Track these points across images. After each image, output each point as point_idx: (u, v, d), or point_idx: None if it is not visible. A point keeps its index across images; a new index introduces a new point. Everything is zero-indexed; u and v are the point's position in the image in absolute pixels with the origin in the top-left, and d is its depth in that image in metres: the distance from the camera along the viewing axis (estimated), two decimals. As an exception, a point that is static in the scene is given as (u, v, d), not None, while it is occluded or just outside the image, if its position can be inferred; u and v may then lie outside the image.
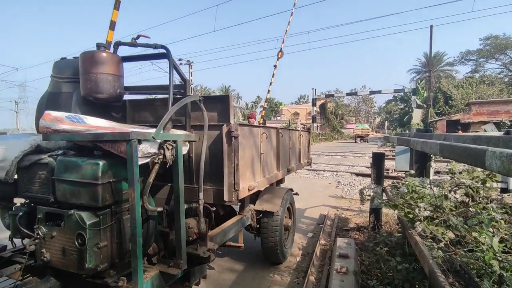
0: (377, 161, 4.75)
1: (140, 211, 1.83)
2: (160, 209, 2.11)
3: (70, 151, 2.29)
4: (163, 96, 2.93)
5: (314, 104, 40.50)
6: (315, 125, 40.27)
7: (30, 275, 2.31)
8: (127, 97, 2.92)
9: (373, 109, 75.74)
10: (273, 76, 15.39)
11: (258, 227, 3.59)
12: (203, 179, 2.39)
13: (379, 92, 36.78)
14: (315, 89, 39.63)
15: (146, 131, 2.10)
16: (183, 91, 2.61)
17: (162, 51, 2.52)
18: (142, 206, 1.93)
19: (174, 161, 2.10)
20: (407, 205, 2.84)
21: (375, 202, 3.49)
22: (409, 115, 36.37)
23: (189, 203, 2.37)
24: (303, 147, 5.47)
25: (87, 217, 1.81)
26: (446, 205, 2.60)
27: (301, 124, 43.24)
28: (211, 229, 2.77)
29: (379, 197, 3.64)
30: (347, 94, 44.23)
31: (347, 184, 9.35)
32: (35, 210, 2.03)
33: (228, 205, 3.04)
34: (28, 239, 2.11)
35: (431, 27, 22.42)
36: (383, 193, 4.42)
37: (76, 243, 1.81)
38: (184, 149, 2.36)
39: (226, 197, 2.61)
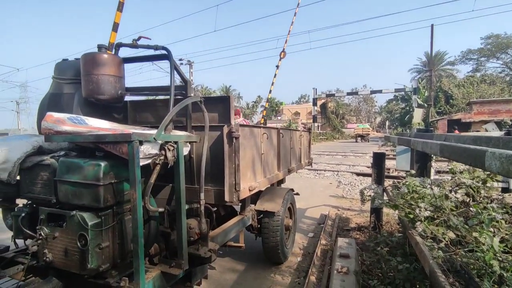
0: (377, 161, 4.75)
1: (142, 211, 1.84)
2: (161, 209, 2.13)
3: (72, 152, 2.31)
4: (164, 97, 2.95)
5: (315, 104, 40.39)
6: (316, 124, 40.20)
7: (33, 275, 2.32)
8: (128, 98, 2.94)
9: (374, 108, 75.61)
10: (275, 76, 15.28)
11: (259, 227, 3.60)
12: (204, 179, 2.40)
13: (380, 92, 36.65)
14: (316, 89, 39.52)
15: (147, 132, 2.11)
16: (184, 92, 2.62)
17: (163, 52, 2.53)
18: (144, 207, 1.94)
19: (175, 162, 2.11)
20: (408, 205, 2.84)
21: (375, 202, 3.49)
22: (410, 115, 36.30)
23: (190, 203, 2.38)
24: (303, 147, 5.47)
25: (89, 218, 1.82)
26: (447, 205, 2.60)
27: (302, 123, 43.22)
28: (212, 229, 2.78)
29: (379, 197, 3.64)
30: (348, 93, 43.98)
31: (348, 184, 9.36)
32: (37, 211, 2.05)
33: (229, 205, 3.05)
34: (30, 239, 2.12)
35: (432, 26, 22.38)
36: (383, 193, 4.43)
37: (78, 243, 1.82)
38: (185, 150, 2.37)
39: (227, 198, 2.62)
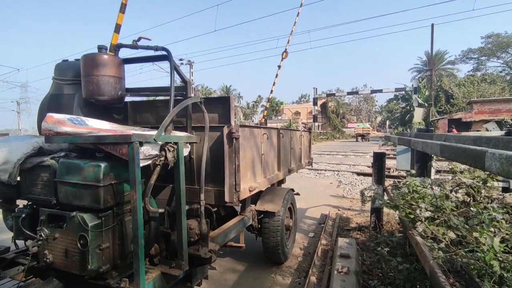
0: (378, 161, 4.75)
1: (142, 212, 1.84)
2: (161, 210, 2.13)
3: (72, 153, 2.31)
4: (164, 97, 2.95)
5: (315, 103, 40.38)
6: (316, 124, 40.17)
7: (33, 276, 2.33)
8: (129, 98, 2.94)
9: (374, 108, 75.47)
10: (276, 76, 15.26)
11: (260, 227, 3.60)
12: (204, 180, 2.40)
13: (380, 91, 36.62)
14: (316, 88, 39.52)
15: (147, 133, 2.11)
16: (184, 93, 2.62)
17: (162, 53, 2.53)
18: (144, 208, 1.94)
19: (175, 162, 2.11)
20: (408, 205, 2.84)
21: (376, 202, 3.49)
22: (410, 114, 36.32)
23: (190, 204, 2.38)
24: (304, 147, 5.47)
25: (89, 219, 1.83)
26: (447, 205, 2.60)
27: (302, 123, 43.23)
28: (212, 229, 2.78)
29: (380, 197, 3.64)
30: (348, 93, 44.01)
31: (348, 184, 9.35)
32: (37, 212, 2.05)
33: (229, 206, 3.05)
34: (31, 240, 2.13)
35: (432, 25, 22.36)
36: (384, 193, 4.43)
37: (79, 244, 1.82)
38: (185, 151, 2.37)
39: (227, 198, 2.62)
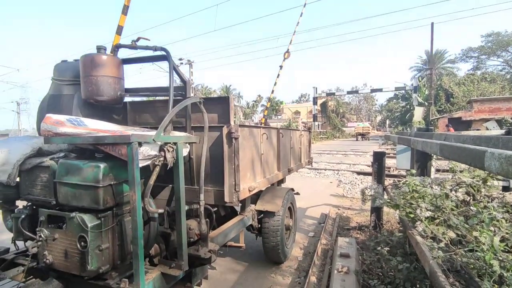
0: (378, 160, 4.75)
1: (141, 213, 1.84)
2: (161, 210, 2.13)
3: (72, 153, 2.31)
4: (163, 97, 2.94)
5: (315, 103, 40.38)
6: (316, 123, 40.13)
7: (33, 277, 2.33)
8: (128, 99, 2.94)
9: (374, 107, 75.38)
10: (278, 77, 15.15)
11: (259, 227, 3.60)
12: (203, 180, 2.40)
13: (380, 90, 36.63)
14: (316, 88, 39.54)
15: (146, 133, 2.11)
16: (183, 93, 2.62)
17: (162, 53, 2.52)
18: (143, 208, 1.94)
19: (174, 163, 2.11)
20: (409, 204, 2.84)
21: (376, 202, 3.48)
22: (410, 113, 36.31)
23: (190, 204, 2.38)
24: (303, 146, 5.47)
25: (89, 220, 1.83)
26: (447, 205, 2.60)
27: (302, 123, 43.21)
28: (212, 229, 2.78)
29: (380, 197, 3.64)
30: (348, 92, 43.93)
31: (348, 183, 9.35)
32: (37, 212, 2.05)
33: (229, 206, 3.05)
34: (30, 241, 2.13)
35: (432, 24, 22.32)
36: (384, 192, 4.42)
37: (78, 245, 1.82)
38: (185, 151, 2.37)
39: (227, 198, 2.62)
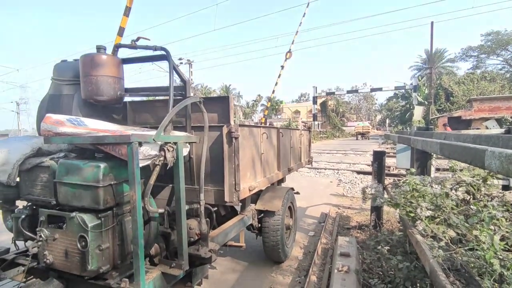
0: (378, 159, 4.75)
1: (142, 212, 1.84)
2: (161, 210, 2.13)
3: (72, 153, 2.31)
4: (163, 97, 2.94)
5: (315, 102, 40.42)
6: (316, 123, 40.18)
7: (33, 277, 2.32)
8: (128, 99, 2.93)
9: (374, 106, 75.38)
10: (279, 77, 15.09)
11: (260, 226, 3.60)
12: (204, 180, 2.40)
13: (380, 90, 36.68)
14: (316, 87, 39.56)
15: (146, 133, 2.11)
16: (183, 93, 2.62)
17: (161, 52, 2.52)
18: (144, 208, 1.94)
19: (175, 162, 2.11)
20: (409, 203, 2.84)
21: (377, 201, 3.49)
22: (410, 112, 36.28)
23: (190, 204, 2.38)
24: (303, 146, 5.47)
25: (89, 220, 1.83)
26: (447, 204, 2.60)
27: (302, 122, 43.20)
28: (212, 229, 2.78)
29: (380, 195, 3.64)
30: (348, 91, 44.05)
31: (348, 182, 9.35)
32: (37, 212, 2.05)
33: (229, 205, 3.05)
34: (31, 241, 2.13)
35: (431, 23, 22.31)
36: (384, 191, 4.42)
37: (79, 245, 1.82)
38: (185, 151, 2.37)
39: (227, 198, 2.62)
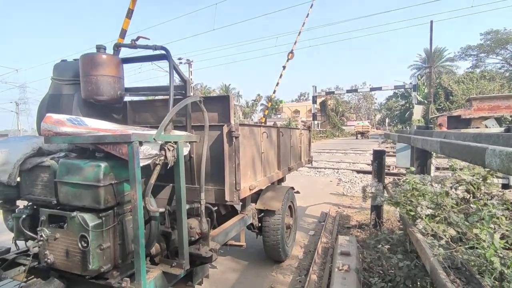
0: (377, 159, 4.75)
1: (142, 212, 1.84)
2: (162, 209, 2.13)
3: (72, 153, 2.31)
4: (163, 97, 2.94)
5: (314, 102, 40.47)
6: (315, 122, 40.25)
7: (34, 276, 2.32)
8: (128, 98, 2.93)
9: (373, 105, 75.41)
10: (280, 77, 15.07)
11: (260, 225, 3.61)
12: (204, 179, 2.40)
13: (379, 89, 36.78)
14: (316, 87, 39.63)
15: (147, 132, 2.11)
16: (183, 92, 2.62)
17: (161, 52, 2.52)
18: (144, 207, 1.94)
19: (175, 162, 2.11)
20: (409, 202, 2.84)
21: (377, 200, 3.49)
22: (410, 112, 36.30)
23: (190, 203, 2.38)
24: (303, 145, 5.47)
25: (90, 219, 1.83)
26: (447, 202, 2.60)
27: (302, 122, 43.22)
28: (213, 228, 2.78)
29: (380, 194, 3.65)
30: (348, 91, 44.14)
31: (348, 182, 9.36)
32: (38, 212, 2.05)
33: (230, 205, 3.05)
34: (31, 241, 2.13)
35: (431, 22, 22.33)
36: (384, 190, 4.42)
37: (79, 244, 1.82)
38: (185, 150, 2.37)
39: (227, 197, 2.62)
